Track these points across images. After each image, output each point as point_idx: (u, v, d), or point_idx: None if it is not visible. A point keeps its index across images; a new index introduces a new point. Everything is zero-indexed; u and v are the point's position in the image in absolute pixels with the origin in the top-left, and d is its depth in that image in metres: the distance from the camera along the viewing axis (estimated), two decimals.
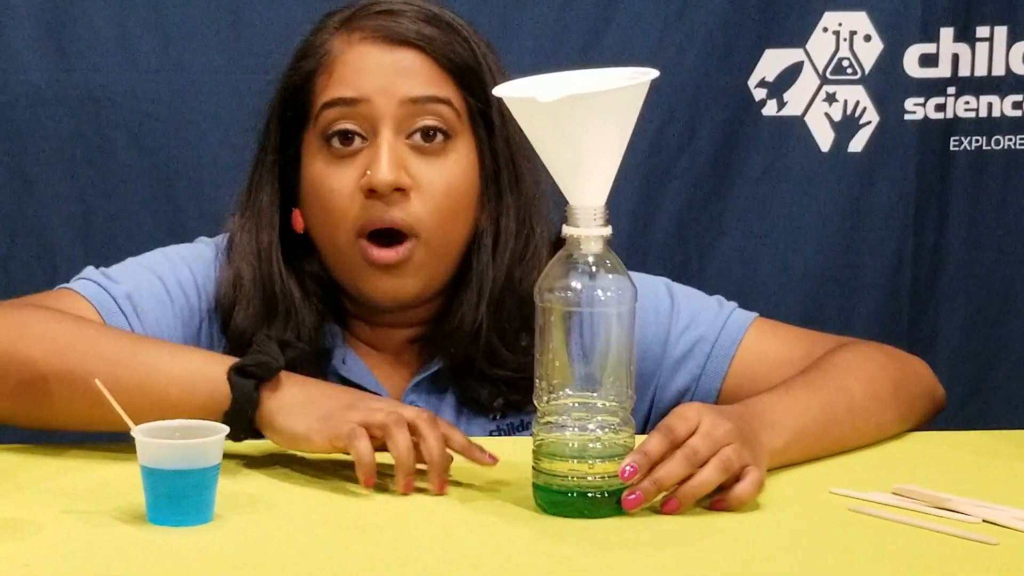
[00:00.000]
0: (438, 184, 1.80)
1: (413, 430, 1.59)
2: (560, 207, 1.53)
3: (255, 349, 1.68)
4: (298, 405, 1.63)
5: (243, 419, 1.63)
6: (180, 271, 1.85)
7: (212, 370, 1.66)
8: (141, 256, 1.89)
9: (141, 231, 2.48)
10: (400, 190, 1.78)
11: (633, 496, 1.51)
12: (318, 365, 1.81)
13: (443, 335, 1.84)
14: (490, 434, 1.85)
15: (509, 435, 1.86)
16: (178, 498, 1.48)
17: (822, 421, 1.70)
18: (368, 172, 1.78)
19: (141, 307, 1.81)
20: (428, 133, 1.80)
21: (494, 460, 1.61)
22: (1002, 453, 1.76)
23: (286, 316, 1.82)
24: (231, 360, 1.66)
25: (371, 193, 1.78)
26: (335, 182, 1.80)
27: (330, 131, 1.80)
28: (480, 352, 1.82)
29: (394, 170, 1.78)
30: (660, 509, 1.53)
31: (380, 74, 1.80)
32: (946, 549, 1.46)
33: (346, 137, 1.80)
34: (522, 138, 1.77)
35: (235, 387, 1.64)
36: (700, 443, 1.52)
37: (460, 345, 1.83)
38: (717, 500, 1.54)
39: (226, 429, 1.52)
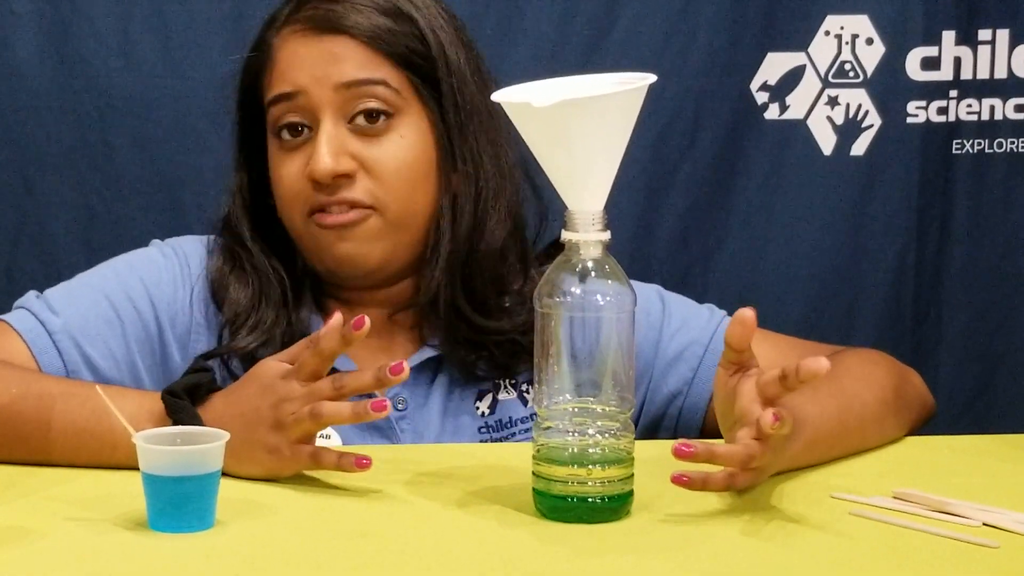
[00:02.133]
0: (386, 162, 1.83)
1: (333, 395, 1.61)
2: (559, 211, 1.53)
3: (187, 372, 1.72)
4: (230, 427, 1.57)
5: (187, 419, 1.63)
6: (129, 284, 1.87)
7: (150, 403, 1.67)
8: (90, 272, 1.91)
9: (144, 236, 2.47)
10: (344, 176, 1.82)
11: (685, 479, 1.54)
12: None
13: (419, 313, 1.87)
14: (479, 431, 1.87)
15: (497, 431, 1.87)
16: (179, 504, 1.48)
17: (837, 428, 1.71)
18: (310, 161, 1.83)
19: (88, 334, 1.82)
20: (370, 115, 1.84)
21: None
22: (1003, 457, 1.76)
23: (282, 301, 1.86)
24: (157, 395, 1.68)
25: (315, 184, 1.83)
26: (284, 170, 1.86)
27: (278, 126, 1.86)
28: (455, 322, 1.85)
29: (332, 158, 1.82)
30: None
31: (312, 64, 1.84)
32: (947, 553, 1.46)
33: (294, 130, 1.85)
34: (484, 109, 1.84)
35: (173, 409, 1.65)
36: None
37: (435, 319, 1.85)
38: (689, 478, 1.54)
39: (227, 435, 1.52)
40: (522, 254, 1.89)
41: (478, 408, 1.88)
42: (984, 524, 1.52)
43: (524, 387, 1.89)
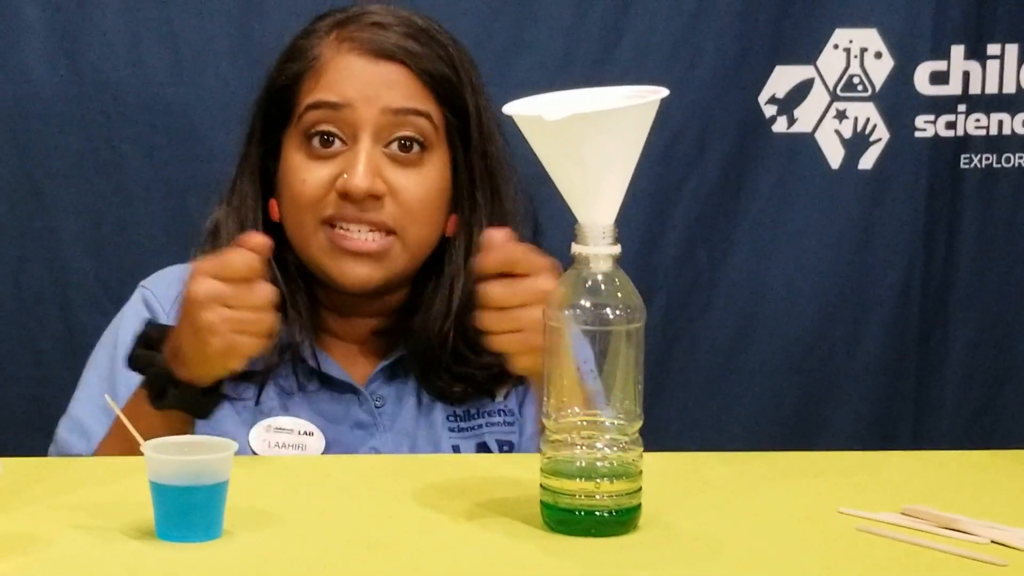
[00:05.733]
0: (412, 192, 1.87)
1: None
2: (569, 225, 1.53)
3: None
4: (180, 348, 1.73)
5: (160, 372, 1.74)
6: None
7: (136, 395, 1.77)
8: (91, 367, 1.93)
9: (152, 243, 2.48)
10: (374, 197, 1.85)
11: None
12: (289, 354, 1.87)
13: (408, 329, 1.90)
14: (447, 418, 1.91)
15: (467, 421, 1.91)
16: (187, 514, 1.48)
17: None
18: (344, 175, 1.85)
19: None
20: (405, 144, 1.87)
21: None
22: (1011, 473, 1.76)
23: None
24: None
25: (345, 196, 1.85)
26: (308, 175, 1.87)
27: (312, 131, 1.87)
28: (444, 352, 1.89)
29: (369, 177, 1.85)
30: None
31: (364, 83, 1.87)
32: (954, 570, 1.46)
33: (326, 139, 1.87)
34: (501, 153, 1.89)
35: (143, 369, 1.76)
36: None
37: (423, 343, 1.89)
38: None
39: (235, 445, 1.52)
40: None
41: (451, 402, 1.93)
42: (992, 541, 1.52)
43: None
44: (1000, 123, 2.59)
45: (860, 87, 2.58)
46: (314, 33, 1.92)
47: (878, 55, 2.57)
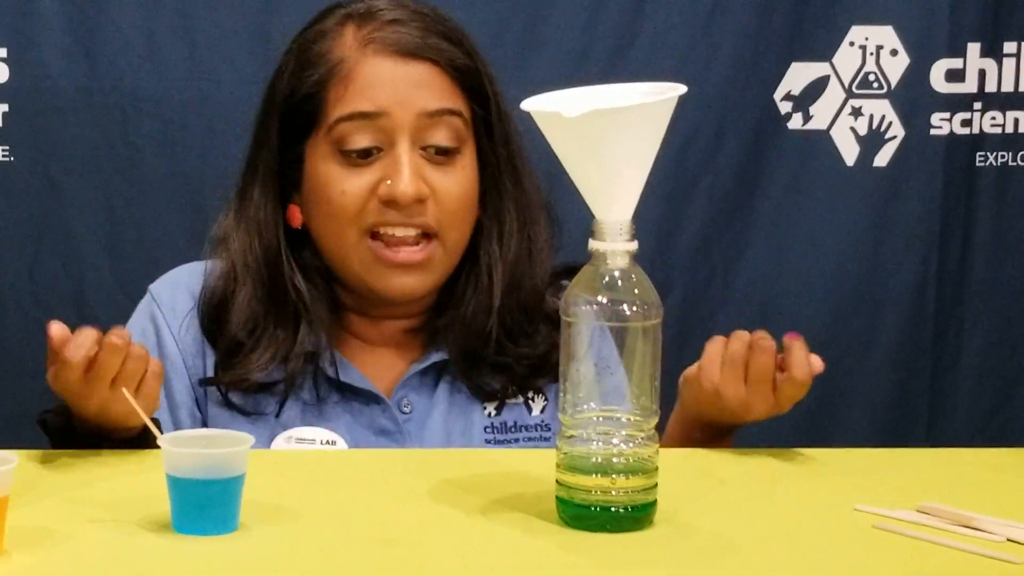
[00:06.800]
0: (453, 191, 1.84)
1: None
2: (584, 221, 1.53)
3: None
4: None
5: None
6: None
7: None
8: None
9: (167, 239, 2.49)
10: (419, 201, 1.82)
11: None
12: (309, 365, 1.84)
13: (447, 326, 1.87)
14: (484, 430, 1.88)
15: (504, 433, 1.88)
16: (203, 507, 1.48)
17: None
18: (388, 182, 1.82)
19: None
20: (441, 147, 1.84)
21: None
22: None
23: (294, 315, 1.85)
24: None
25: (390, 202, 1.82)
26: (348, 185, 1.84)
27: (348, 146, 1.83)
28: (485, 343, 1.86)
29: (415, 183, 1.82)
30: None
31: (396, 87, 1.83)
32: (970, 568, 1.46)
33: (365, 153, 1.83)
34: (520, 138, 1.87)
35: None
36: None
37: (466, 336, 1.86)
38: None
39: (252, 439, 1.52)
40: (551, 280, 1.92)
41: (485, 408, 1.89)
42: (1008, 539, 1.51)
43: (530, 394, 1.90)
44: (1016, 121, 2.59)
45: (876, 84, 2.58)
46: (329, 35, 1.86)
47: (894, 52, 2.57)
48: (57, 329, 1.65)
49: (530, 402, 1.90)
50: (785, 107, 2.58)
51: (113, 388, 1.64)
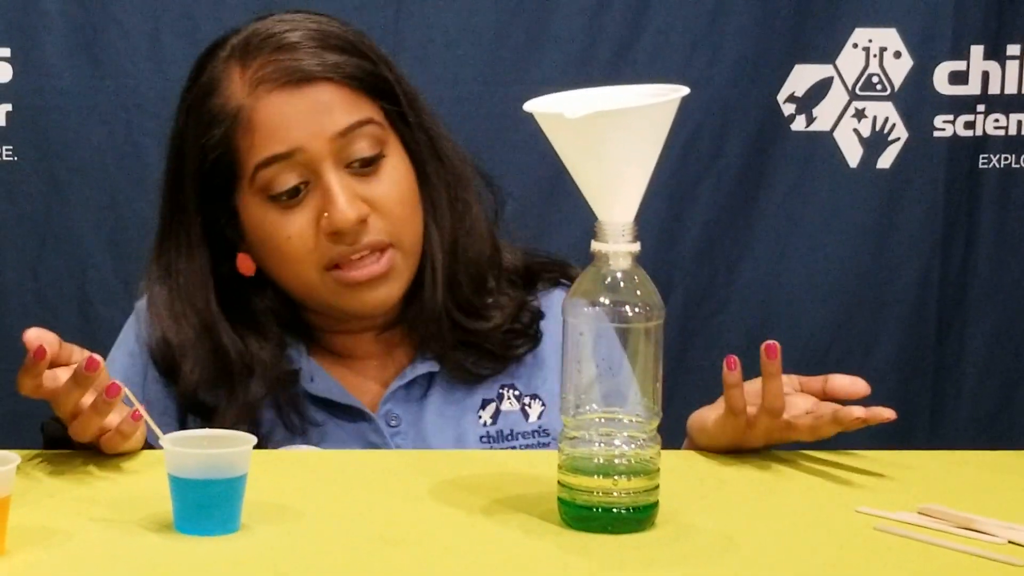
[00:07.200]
0: (392, 196, 1.82)
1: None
2: (588, 223, 1.53)
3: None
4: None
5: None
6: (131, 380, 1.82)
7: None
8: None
9: None
10: (362, 222, 1.80)
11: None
12: (286, 387, 1.83)
13: (414, 319, 1.87)
14: (480, 439, 1.88)
15: (498, 442, 1.88)
16: (205, 507, 1.48)
17: None
18: (325, 215, 1.79)
19: None
20: (366, 159, 1.81)
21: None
22: None
23: (243, 371, 1.83)
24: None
25: (335, 234, 1.80)
26: (290, 229, 1.81)
27: (275, 191, 1.80)
28: (446, 326, 1.85)
29: (352, 206, 1.79)
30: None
31: (301, 119, 1.79)
32: (971, 570, 1.46)
33: (294, 192, 1.80)
34: (432, 113, 1.86)
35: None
36: None
37: (427, 329, 1.86)
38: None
39: (254, 439, 1.52)
40: (493, 249, 1.91)
41: (480, 417, 1.89)
42: (1009, 542, 1.51)
43: (527, 400, 1.90)
44: (1019, 123, 2.59)
45: (879, 86, 2.58)
46: (219, 85, 1.82)
47: (897, 54, 2.57)
48: (33, 337, 1.62)
49: (527, 408, 1.90)
50: (788, 109, 2.58)
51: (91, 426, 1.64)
